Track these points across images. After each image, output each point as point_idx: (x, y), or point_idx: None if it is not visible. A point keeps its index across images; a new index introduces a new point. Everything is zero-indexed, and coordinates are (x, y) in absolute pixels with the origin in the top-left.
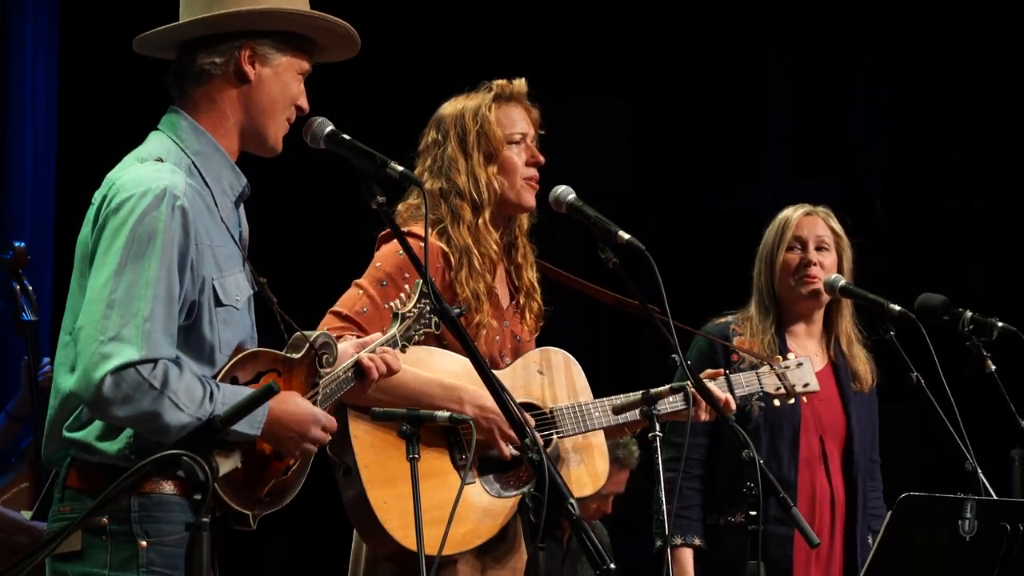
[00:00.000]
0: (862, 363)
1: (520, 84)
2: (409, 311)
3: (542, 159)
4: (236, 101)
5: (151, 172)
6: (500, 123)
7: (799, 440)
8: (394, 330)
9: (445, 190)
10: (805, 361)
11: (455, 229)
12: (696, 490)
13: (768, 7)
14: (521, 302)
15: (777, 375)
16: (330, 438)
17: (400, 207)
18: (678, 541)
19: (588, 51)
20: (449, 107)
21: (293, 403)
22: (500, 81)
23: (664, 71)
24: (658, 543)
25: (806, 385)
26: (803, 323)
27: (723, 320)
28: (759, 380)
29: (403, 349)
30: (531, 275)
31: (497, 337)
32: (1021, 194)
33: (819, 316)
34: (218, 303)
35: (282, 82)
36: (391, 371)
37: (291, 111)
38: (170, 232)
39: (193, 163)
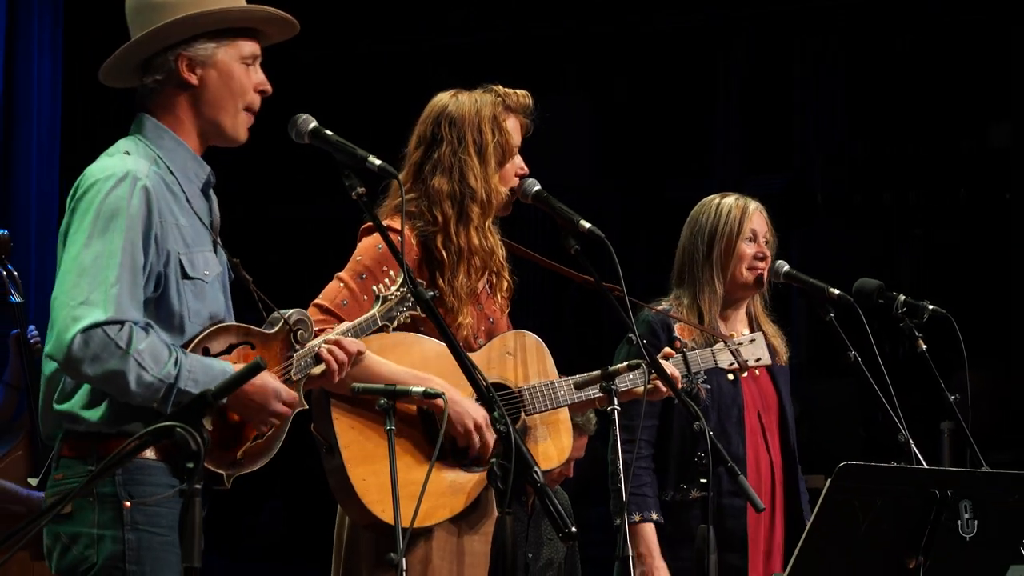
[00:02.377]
0: (775, 337)
1: (527, 98)
2: (391, 294)
3: (527, 170)
4: (188, 106)
5: (116, 161)
6: (511, 135)
7: (744, 417)
8: (374, 311)
9: (456, 192)
10: (757, 337)
11: (463, 230)
12: (648, 469)
13: (720, 13)
14: (493, 282)
15: (731, 351)
16: (291, 412)
17: (393, 204)
18: (637, 518)
19: (553, 52)
20: (459, 107)
21: (256, 377)
22: (508, 90)
23: (623, 71)
24: (617, 521)
25: (758, 359)
26: (734, 307)
27: (661, 308)
28: (714, 356)
29: (385, 328)
30: (499, 255)
31: (472, 321)
32: (951, 186)
33: (747, 300)
34: (184, 275)
35: (226, 76)
36: (348, 354)
37: (249, 99)
38: (132, 209)
39: (158, 156)
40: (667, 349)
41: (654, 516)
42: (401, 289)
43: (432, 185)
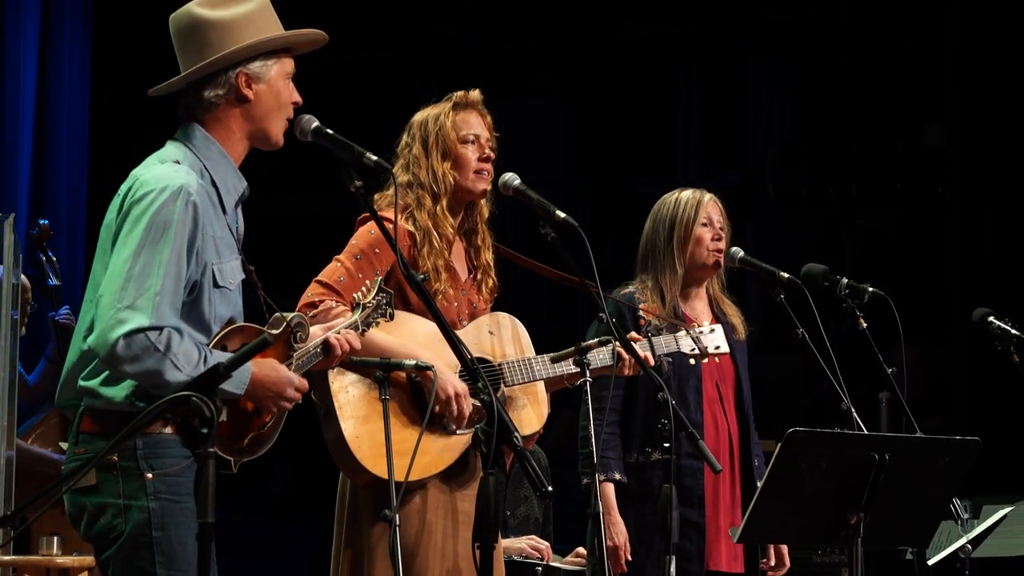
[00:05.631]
0: (735, 315)
1: (475, 94)
2: (369, 302)
3: (492, 155)
4: (241, 118)
5: (170, 171)
6: (456, 126)
7: (702, 387)
8: (356, 317)
9: (412, 182)
10: (717, 328)
11: (419, 214)
12: (614, 434)
13: (681, 26)
14: (478, 278)
15: (693, 339)
16: (301, 398)
17: (376, 196)
18: (601, 477)
19: (531, 60)
20: (419, 115)
21: (271, 368)
22: (459, 92)
23: (593, 76)
24: (585, 480)
25: (717, 348)
26: (695, 287)
27: (627, 290)
28: (677, 342)
29: (362, 334)
30: (487, 256)
31: (455, 304)
32: (889, 181)
33: (706, 282)
34: (216, 284)
35: (276, 91)
36: (353, 350)
37: (288, 110)
38: (182, 223)
39: (204, 167)
40: (633, 334)
41: (616, 476)
42: (377, 297)
43: (399, 179)
